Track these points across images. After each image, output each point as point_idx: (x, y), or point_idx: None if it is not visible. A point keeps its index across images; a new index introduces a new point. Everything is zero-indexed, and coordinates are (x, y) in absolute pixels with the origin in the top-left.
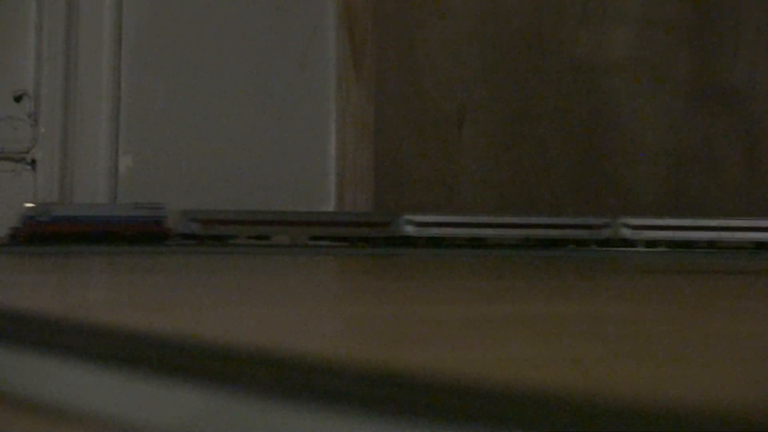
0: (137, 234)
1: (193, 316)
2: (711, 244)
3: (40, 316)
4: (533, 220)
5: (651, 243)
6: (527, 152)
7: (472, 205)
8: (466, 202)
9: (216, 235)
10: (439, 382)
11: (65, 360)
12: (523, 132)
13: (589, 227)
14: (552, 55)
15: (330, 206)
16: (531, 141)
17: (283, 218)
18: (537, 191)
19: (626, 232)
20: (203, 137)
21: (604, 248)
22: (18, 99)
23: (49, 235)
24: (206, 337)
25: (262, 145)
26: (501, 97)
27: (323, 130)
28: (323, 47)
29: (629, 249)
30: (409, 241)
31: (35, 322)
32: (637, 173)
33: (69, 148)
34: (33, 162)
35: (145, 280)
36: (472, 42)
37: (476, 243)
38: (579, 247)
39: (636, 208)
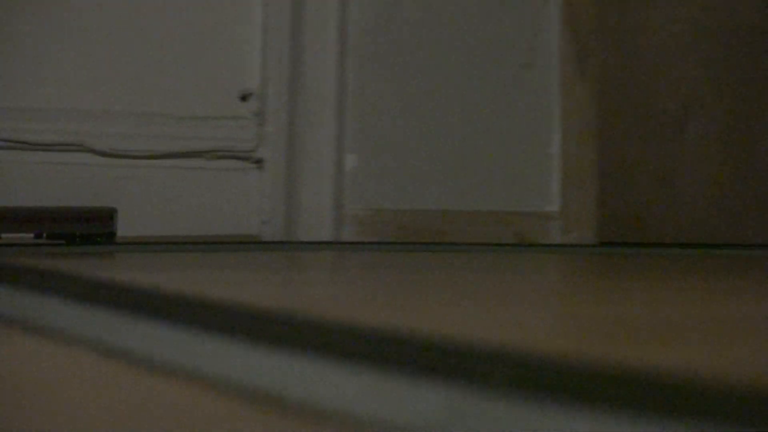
0: None
1: None
2: None
3: (285, 314)
4: None
5: None
6: (753, 153)
7: (694, 205)
8: (688, 201)
9: None
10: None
11: (308, 359)
12: (750, 132)
13: None
14: None
15: (555, 206)
16: (758, 141)
17: None
18: (764, 192)
19: None
20: (427, 136)
21: None
22: (244, 98)
23: None
24: (450, 335)
25: (485, 144)
26: (726, 96)
27: (547, 129)
28: (547, 46)
29: None
30: None
31: (271, 320)
32: None
33: (295, 146)
34: (259, 161)
35: None
36: (696, 39)
37: None
38: None
39: None
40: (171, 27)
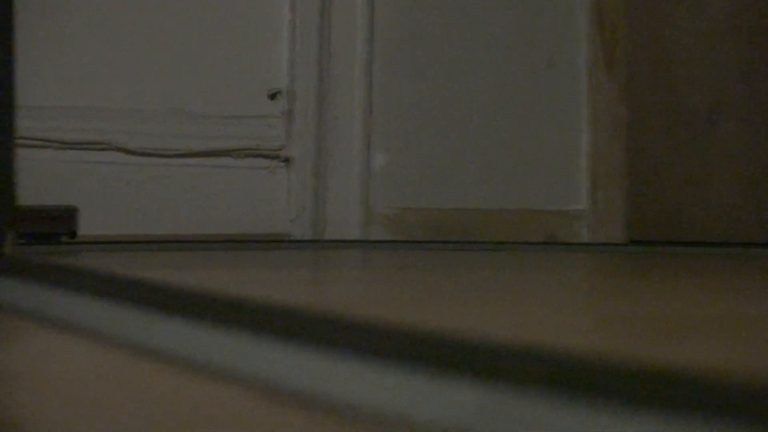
0: None
1: None
2: None
3: (310, 314)
4: None
5: None
6: None
7: (724, 204)
8: (718, 200)
9: None
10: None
11: (339, 358)
12: None
13: None
14: None
15: (584, 204)
16: None
17: None
18: None
19: None
20: (455, 135)
21: None
22: (272, 97)
23: None
24: (479, 334)
25: (513, 142)
26: (756, 95)
27: (575, 127)
28: (574, 44)
29: None
30: None
31: (302, 319)
32: None
33: (323, 145)
34: (287, 159)
35: None
36: (726, 37)
37: None
38: None
39: None
40: (200, 27)
